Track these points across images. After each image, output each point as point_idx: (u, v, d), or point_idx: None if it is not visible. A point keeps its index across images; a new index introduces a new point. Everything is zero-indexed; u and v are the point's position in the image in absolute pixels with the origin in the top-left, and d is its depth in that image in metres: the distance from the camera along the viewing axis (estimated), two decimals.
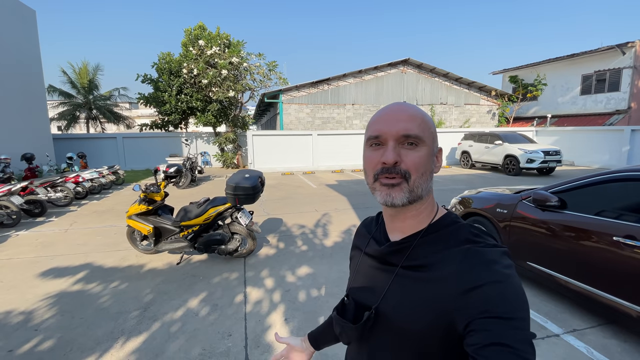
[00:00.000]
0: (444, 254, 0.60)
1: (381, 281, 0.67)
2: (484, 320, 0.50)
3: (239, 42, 13.81)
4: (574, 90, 17.15)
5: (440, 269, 0.59)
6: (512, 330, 0.49)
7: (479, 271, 0.55)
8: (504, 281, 0.53)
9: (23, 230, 5.56)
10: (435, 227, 0.64)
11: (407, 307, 0.61)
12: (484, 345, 0.49)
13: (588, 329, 2.56)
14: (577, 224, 2.59)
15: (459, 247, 0.59)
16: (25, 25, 11.71)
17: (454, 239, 0.61)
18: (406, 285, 0.63)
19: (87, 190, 8.07)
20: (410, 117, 0.63)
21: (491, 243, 0.59)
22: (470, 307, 0.52)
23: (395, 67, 16.56)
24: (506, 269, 0.55)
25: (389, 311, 0.64)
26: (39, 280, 3.57)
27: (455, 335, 0.55)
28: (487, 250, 0.58)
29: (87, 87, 21.66)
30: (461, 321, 0.53)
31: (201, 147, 15.38)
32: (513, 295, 0.52)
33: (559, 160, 10.85)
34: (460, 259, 0.57)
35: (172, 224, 3.97)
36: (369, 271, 0.73)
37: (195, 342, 2.47)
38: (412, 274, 0.62)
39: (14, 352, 2.37)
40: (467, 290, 0.54)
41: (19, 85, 11.14)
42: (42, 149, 11.41)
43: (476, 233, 0.61)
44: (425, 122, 0.64)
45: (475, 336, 0.50)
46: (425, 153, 0.62)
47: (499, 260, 0.56)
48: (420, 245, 0.63)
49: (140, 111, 33.55)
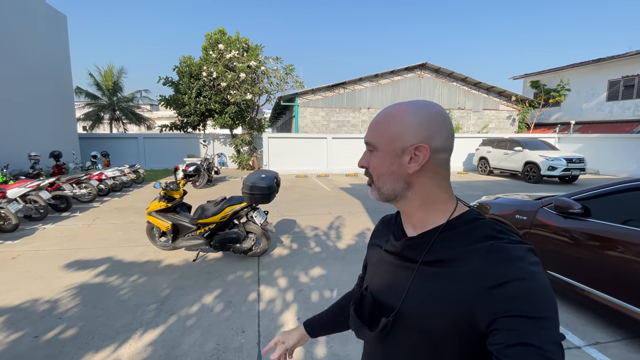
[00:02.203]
0: (466, 250, 0.58)
1: (401, 279, 0.66)
2: (509, 319, 0.48)
3: (257, 46, 14.06)
4: (599, 96, 16.52)
5: (462, 264, 0.57)
6: (539, 330, 0.47)
7: (503, 267, 0.52)
8: (530, 278, 0.51)
9: (50, 224, 5.82)
10: (455, 223, 0.63)
11: (427, 304, 0.60)
12: (508, 345, 0.47)
13: (612, 343, 2.45)
14: (603, 233, 2.49)
15: (482, 243, 0.57)
16: (57, 29, 12.32)
17: (476, 234, 0.59)
18: (426, 282, 0.61)
19: (109, 188, 8.37)
20: (373, 124, 0.68)
21: (516, 239, 0.57)
22: (494, 305, 0.51)
23: (413, 71, 16.44)
24: (533, 265, 0.52)
25: (408, 310, 0.62)
26: (64, 272, 3.73)
27: (477, 334, 0.53)
28: (511, 246, 0.55)
29: (111, 89, 22.57)
30: (484, 319, 0.51)
31: (218, 149, 15.68)
32: (539, 293, 0.50)
33: (583, 168, 10.45)
34: (484, 255, 0.55)
35: (189, 222, 4.07)
36: (389, 268, 0.72)
37: (209, 336, 2.52)
38: (432, 270, 0.61)
39: (40, 339, 2.48)
40: (491, 287, 0.52)
41: (50, 87, 11.71)
42: (69, 147, 11.92)
43: (500, 229, 0.59)
44: (383, 125, 0.66)
45: (499, 335, 0.49)
46: (381, 157, 0.66)
47: (525, 256, 0.53)
48: (440, 240, 0.62)
49: (161, 113, 34.54)
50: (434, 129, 0.62)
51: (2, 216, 5.15)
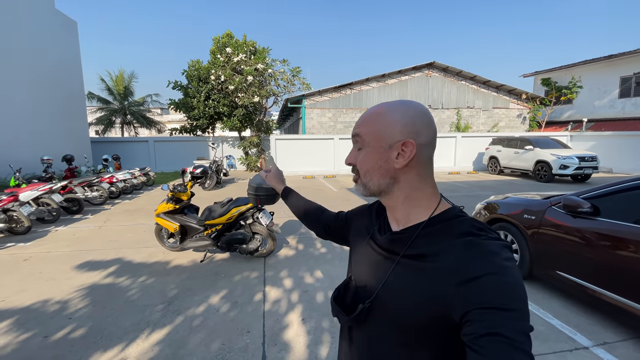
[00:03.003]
0: (445, 245, 0.60)
1: (382, 269, 0.68)
2: (482, 311, 0.50)
3: (264, 49, 14.17)
4: (611, 93, 16.13)
5: (440, 259, 0.59)
6: (510, 320, 0.49)
7: (478, 262, 0.55)
8: (503, 273, 0.53)
9: (62, 226, 5.96)
10: (437, 220, 0.65)
11: (405, 295, 0.62)
12: (480, 335, 0.49)
13: (619, 342, 2.39)
14: (613, 232, 2.44)
15: (461, 239, 0.59)
16: (68, 35, 12.64)
17: (456, 230, 0.62)
18: (406, 274, 0.63)
19: (120, 190, 8.53)
20: (361, 119, 0.71)
21: (493, 236, 0.59)
22: (468, 298, 0.53)
23: (420, 70, 16.33)
24: (506, 261, 0.55)
25: (386, 299, 0.65)
26: (75, 273, 3.81)
27: (452, 325, 0.55)
28: (488, 242, 0.58)
29: (122, 93, 23.03)
30: (458, 311, 0.53)
31: (227, 151, 15.85)
32: (512, 287, 0.52)
33: (596, 166, 10.21)
34: (461, 250, 0.58)
35: (197, 223, 4.12)
36: (372, 256, 0.74)
37: (215, 336, 2.54)
38: (412, 263, 0.63)
39: (49, 339, 2.54)
40: (466, 281, 0.54)
41: (62, 92, 12.02)
42: (81, 151, 12.21)
43: (479, 227, 0.61)
44: (371, 121, 0.68)
45: (472, 326, 0.50)
46: (368, 152, 0.69)
47: (500, 252, 0.56)
48: (422, 236, 0.64)
49: (171, 116, 35.11)
50: (419, 126, 0.65)
51: (15, 219, 5.30)
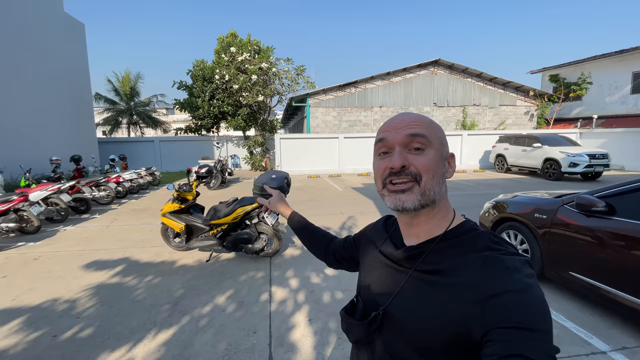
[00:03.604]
0: (463, 260, 0.58)
1: (394, 282, 0.66)
2: (504, 330, 0.48)
3: (268, 48, 14.16)
4: (623, 89, 15.79)
5: (458, 274, 0.57)
6: (533, 342, 0.46)
7: (500, 278, 0.52)
8: (526, 290, 0.51)
9: (70, 225, 6.02)
10: (453, 233, 0.63)
11: (420, 310, 0.59)
12: (502, 357, 0.46)
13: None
14: (630, 232, 2.36)
15: (479, 254, 0.57)
16: (76, 37, 12.76)
17: (473, 245, 0.59)
18: (420, 288, 0.61)
19: (126, 190, 8.59)
20: (416, 120, 0.64)
21: (512, 251, 0.57)
22: (489, 316, 0.50)
23: (425, 68, 16.18)
24: (528, 278, 0.52)
25: (399, 314, 0.62)
26: (83, 272, 3.83)
27: (470, 344, 0.52)
28: (508, 257, 0.55)
29: (128, 94, 23.24)
30: (478, 329, 0.51)
31: (231, 151, 15.88)
32: (535, 306, 0.50)
33: (607, 164, 9.99)
34: (480, 265, 0.55)
35: (202, 222, 4.11)
36: (382, 271, 0.72)
37: (221, 337, 2.53)
38: (427, 278, 0.61)
39: (58, 338, 2.55)
40: (487, 298, 0.51)
41: (70, 94, 12.14)
42: (89, 151, 12.33)
43: (497, 241, 0.59)
44: (432, 126, 0.65)
45: (494, 346, 0.48)
46: (434, 155, 0.62)
47: (521, 268, 0.53)
48: (437, 250, 0.62)
49: (176, 116, 35.31)
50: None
51: (25, 218, 5.35)
